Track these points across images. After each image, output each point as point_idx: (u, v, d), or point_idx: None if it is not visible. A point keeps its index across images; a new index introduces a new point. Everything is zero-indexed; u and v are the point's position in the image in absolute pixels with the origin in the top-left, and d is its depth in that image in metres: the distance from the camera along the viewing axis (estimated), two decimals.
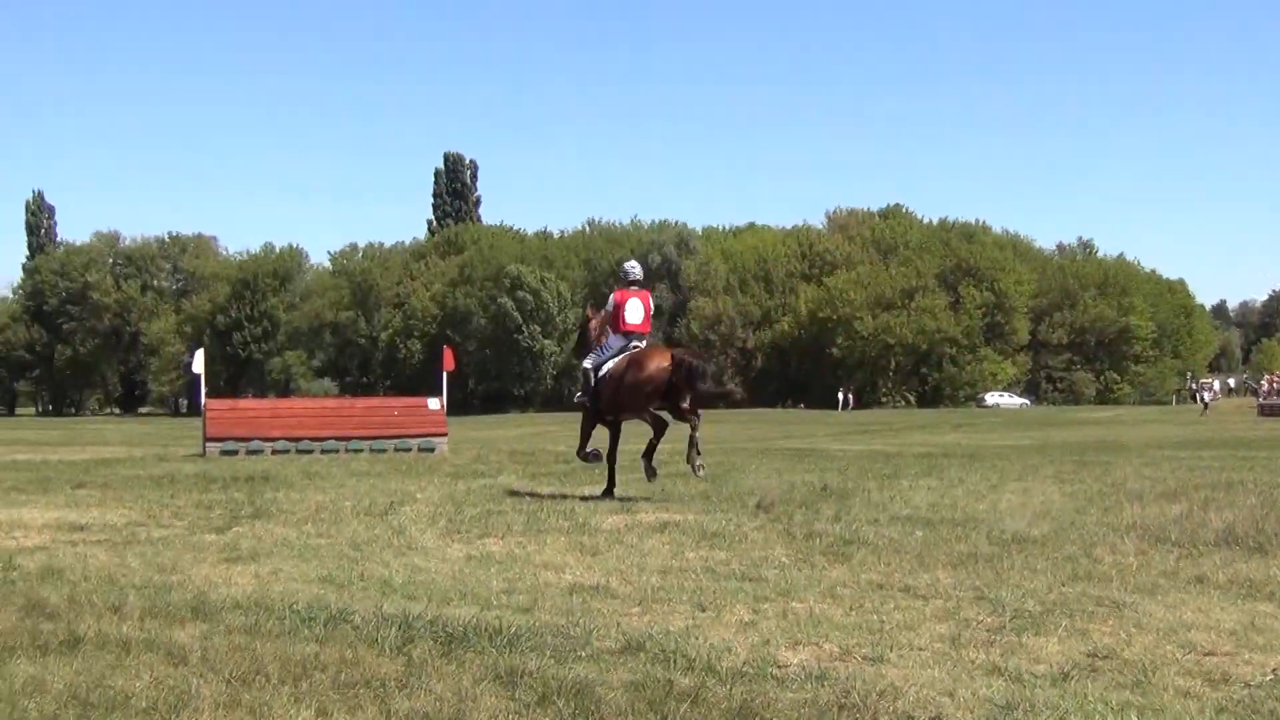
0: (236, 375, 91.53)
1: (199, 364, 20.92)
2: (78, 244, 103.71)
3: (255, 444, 18.60)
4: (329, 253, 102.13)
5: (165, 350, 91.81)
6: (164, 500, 10.75)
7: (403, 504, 10.17)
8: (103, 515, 9.56)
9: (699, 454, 9.69)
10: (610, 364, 9.99)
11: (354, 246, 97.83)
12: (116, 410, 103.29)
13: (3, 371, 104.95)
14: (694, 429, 9.56)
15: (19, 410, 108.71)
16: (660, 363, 9.50)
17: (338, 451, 18.52)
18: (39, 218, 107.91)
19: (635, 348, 9.96)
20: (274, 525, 8.87)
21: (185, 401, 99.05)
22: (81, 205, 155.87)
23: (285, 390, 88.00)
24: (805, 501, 9.91)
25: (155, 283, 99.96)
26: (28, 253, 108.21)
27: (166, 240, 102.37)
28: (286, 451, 18.43)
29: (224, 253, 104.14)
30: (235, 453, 18.32)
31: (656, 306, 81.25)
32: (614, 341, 10.08)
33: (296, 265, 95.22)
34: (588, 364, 10.21)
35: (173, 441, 27.17)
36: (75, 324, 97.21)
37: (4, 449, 23.86)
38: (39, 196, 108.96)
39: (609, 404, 10.06)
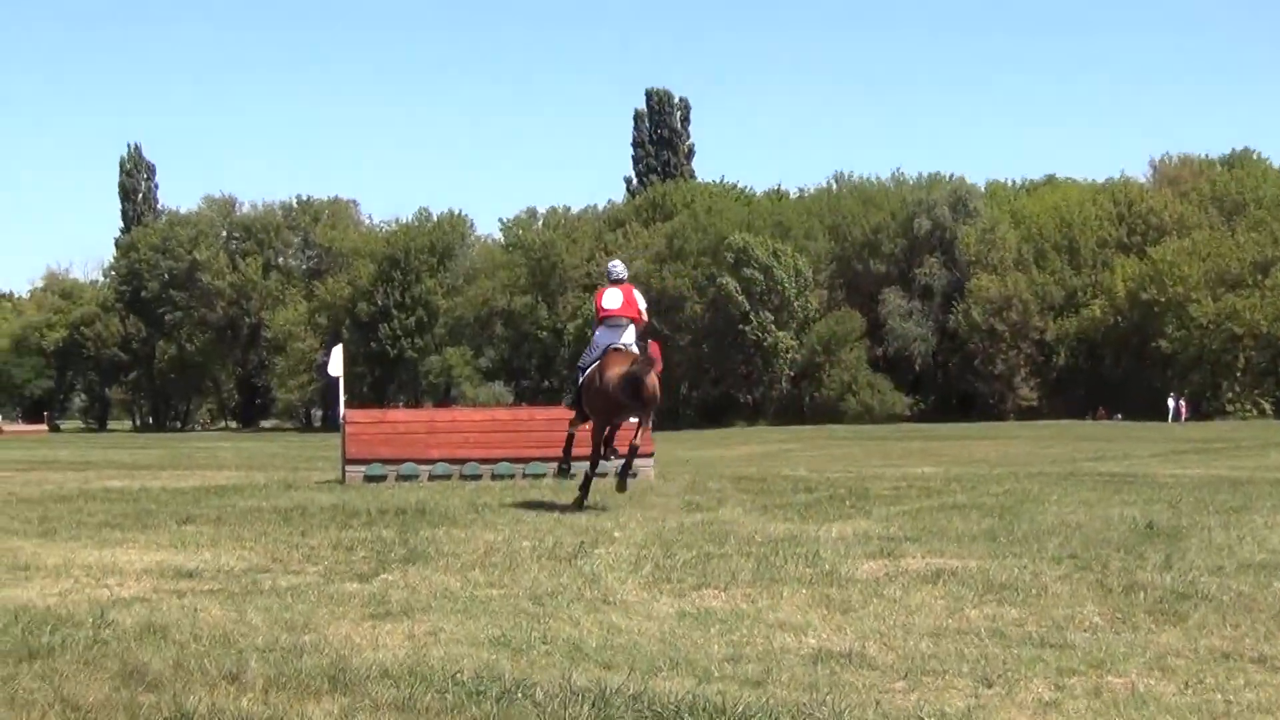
0: (384, 379, 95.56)
1: (337, 365, 21.84)
2: (183, 212, 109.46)
3: (408, 467, 19.33)
4: (500, 221, 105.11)
5: (294, 347, 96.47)
6: (293, 540, 11.28)
7: (597, 545, 10.36)
8: (216, 558, 10.10)
9: (627, 464, 13.16)
10: (592, 366, 12.38)
11: (531, 213, 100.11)
12: (233, 424, 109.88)
13: (91, 375, 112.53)
14: (640, 438, 12.35)
15: (111, 424, 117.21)
16: (619, 369, 11.91)
17: (513, 477, 19.01)
18: (135, 178, 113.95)
19: (616, 346, 12.34)
20: (432, 572, 9.19)
21: (319, 413, 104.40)
22: (188, 164, 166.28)
23: (445, 398, 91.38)
24: (1124, 544, 9.75)
25: (281, 260, 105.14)
26: (121, 223, 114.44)
27: (295, 207, 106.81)
28: (448, 477, 19.06)
29: (367, 222, 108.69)
30: (383, 478, 19.11)
31: (926, 286, 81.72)
32: (599, 337, 12.58)
33: (459, 238, 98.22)
34: (583, 363, 12.46)
35: (303, 464, 28.61)
36: (181, 314, 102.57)
37: (94, 474, 25.60)
38: (136, 152, 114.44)
39: (587, 406, 12.83)
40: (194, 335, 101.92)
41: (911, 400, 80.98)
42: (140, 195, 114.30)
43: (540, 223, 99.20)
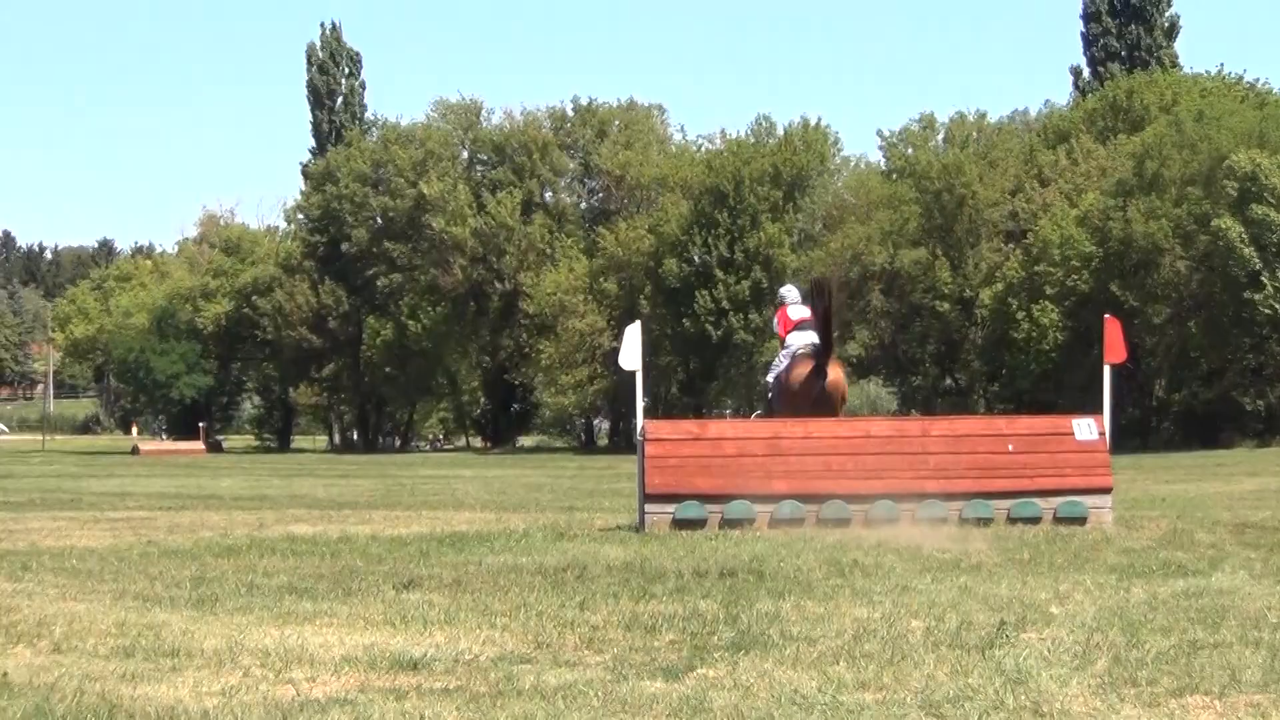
0: (702, 374, 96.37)
1: (633, 353, 22.18)
2: (404, 124, 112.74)
3: (738, 505, 19.57)
4: (879, 136, 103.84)
5: (568, 326, 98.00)
6: (566, 615, 11.66)
7: (1024, 626, 10.40)
8: (452, 642, 10.51)
9: None
10: (779, 373, 18.37)
11: (927, 123, 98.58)
12: (477, 440, 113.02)
13: (268, 368, 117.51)
14: None
15: (298, 440, 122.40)
16: (805, 368, 17.75)
17: (895, 520, 19.10)
18: (332, 75, 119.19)
19: (796, 352, 18.74)
20: (774, 665, 9.36)
21: (604, 425, 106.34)
22: (404, 55, 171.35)
23: None
24: None
25: (550, 196, 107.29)
26: (312, 142, 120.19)
27: (570, 116, 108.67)
28: (799, 521, 19.26)
29: (677, 138, 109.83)
30: (701, 523, 19.42)
31: None
32: (789, 340, 19.46)
33: (817, 161, 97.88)
34: (767, 379, 17.68)
35: (582, 501, 29.28)
36: (400, 277, 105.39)
37: (273, 515, 26.86)
38: (333, 36, 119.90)
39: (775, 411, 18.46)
40: (420, 309, 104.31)
41: None
42: (339, 100, 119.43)
43: (940, 137, 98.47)
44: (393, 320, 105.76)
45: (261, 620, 11.68)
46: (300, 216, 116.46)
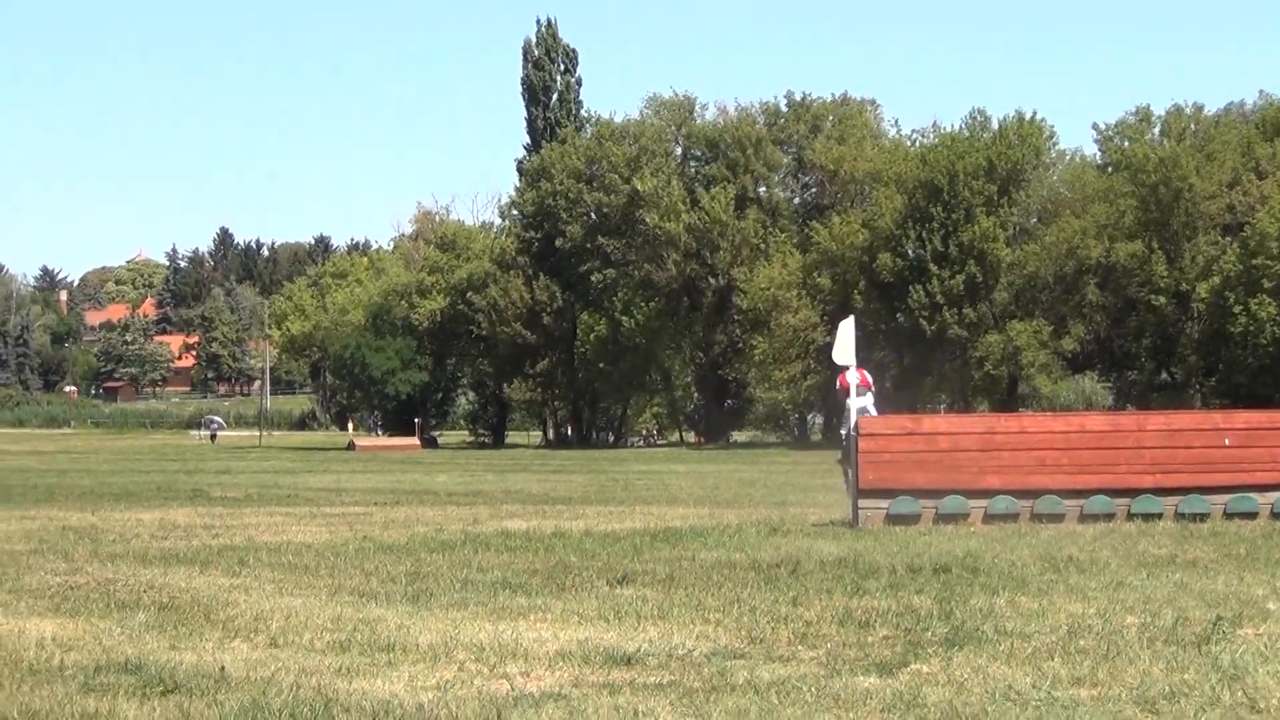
0: (917, 368, 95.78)
1: (847, 348, 22.27)
2: (618, 120, 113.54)
3: (953, 502, 19.57)
4: (1095, 130, 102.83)
5: (782, 321, 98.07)
6: (780, 610, 11.73)
7: (1241, 621, 10.32)
8: (666, 637, 10.61)
9: None
10: (848, 431, 22.63)
11: (1143, 116, 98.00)
12: (691, 436, 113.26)
13: (483, 364, 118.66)
14: None
15: (513, 435, 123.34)
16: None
17: (1111, 516, 18.92)
18: (547, 71, 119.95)
19: (861, 412, 22.45)
20: (988, 661, 9.37)
21: (819, 420, 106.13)
22: (617, 51, 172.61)
23: (1009, 397, 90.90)
24: None
25: (764, 191, 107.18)
26: (527, 138, 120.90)
27: (784, 111, 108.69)
28: (1013, 516, 19.17)
29: (891, 132, 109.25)
30: (915, 518, 19.43)
31: None
32: (848, 408, 23.25)
33: (1032, 155, 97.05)
34: (842, 432, 23.89)
35: (796, 496, 29.33)
36: (614, 273, 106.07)
37: (487, 510, 27.20)
38: (548, 32, 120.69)
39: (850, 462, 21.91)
40: (634, 304, 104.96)
41: None
42: (555, 97, 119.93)
43: (1156, 130, 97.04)
44: (606, 316, 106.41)
45: (476, 615, 11.81)
46: (515, 212, 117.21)
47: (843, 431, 24.82)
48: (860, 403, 24.05)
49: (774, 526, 20.25)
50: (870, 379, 25.12)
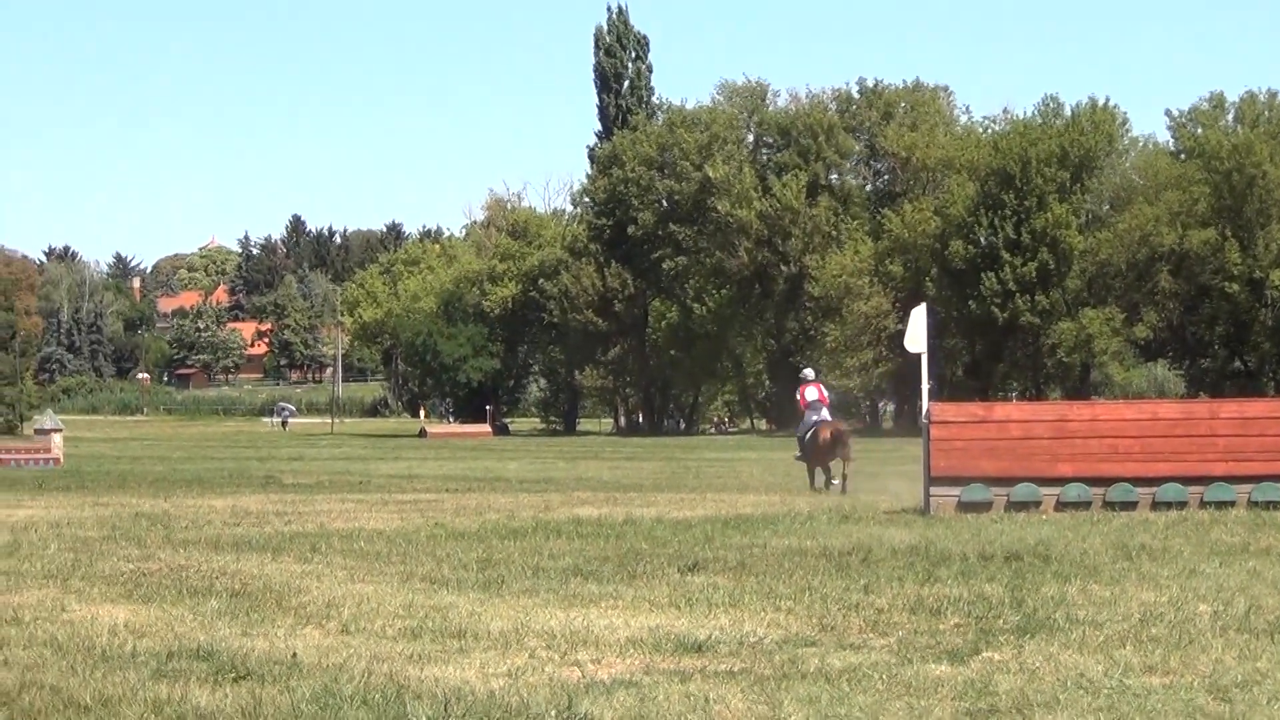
0: (989, 356, 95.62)
1: (919, 336, 22.19)
2: (690, 107, 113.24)
3: (1025, 489, 19.53)
4: (1168, 116, 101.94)
5: (853, 309, 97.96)
6: (851, 598, 11.73)
7: None
8: (737, 625, 10.63)
9: (843, 480, 29.25)
10: (808, 435, 31.02)
11: (1217, 102, 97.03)
12: (762, 423, 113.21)
13: (554, 351, 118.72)
14: (848, 469, 29.68)
15: (584, 423, 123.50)
16: (826, 433, 30.37)
17: (1184, 504, 18.85)
18: (619, 59, 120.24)
19: (816, 421, 31.07)
20: (1060, 649, 9.34)
21: (890, 407, 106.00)
22: (688, 37, 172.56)
23: (1082, 385, 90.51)
24: None
25: (835, 178, 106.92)
26: (598, 125, 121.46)
27: (855, 98, 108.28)
28: (1085, 504, 19.12)
29: (963, 119, 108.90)
30: (987, 506, 19.40)
31: None
32: (806, 418, 31.68)
33: (1105, 141, 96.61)
34: (799, 433, 32.62)
35: (868, 484, 29.33)
36: (686, 260, 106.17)
37: (558, 497, 27.24)
38: (620, 19, 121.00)
39: (810, 460, 31.10)
40: (705, 291, 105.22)
41: None
42: (626, 84, 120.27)
43: (1230, 116, 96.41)
44: (678, 303, 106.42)
45: (547, 602, 11.85)
46: (586, 200, 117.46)
47: (799, 434, 32.59)
48: (819, 415, 31.46)
49: (845, 514, 20.25)
50: (826, 394, 33.19)
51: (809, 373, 34.69)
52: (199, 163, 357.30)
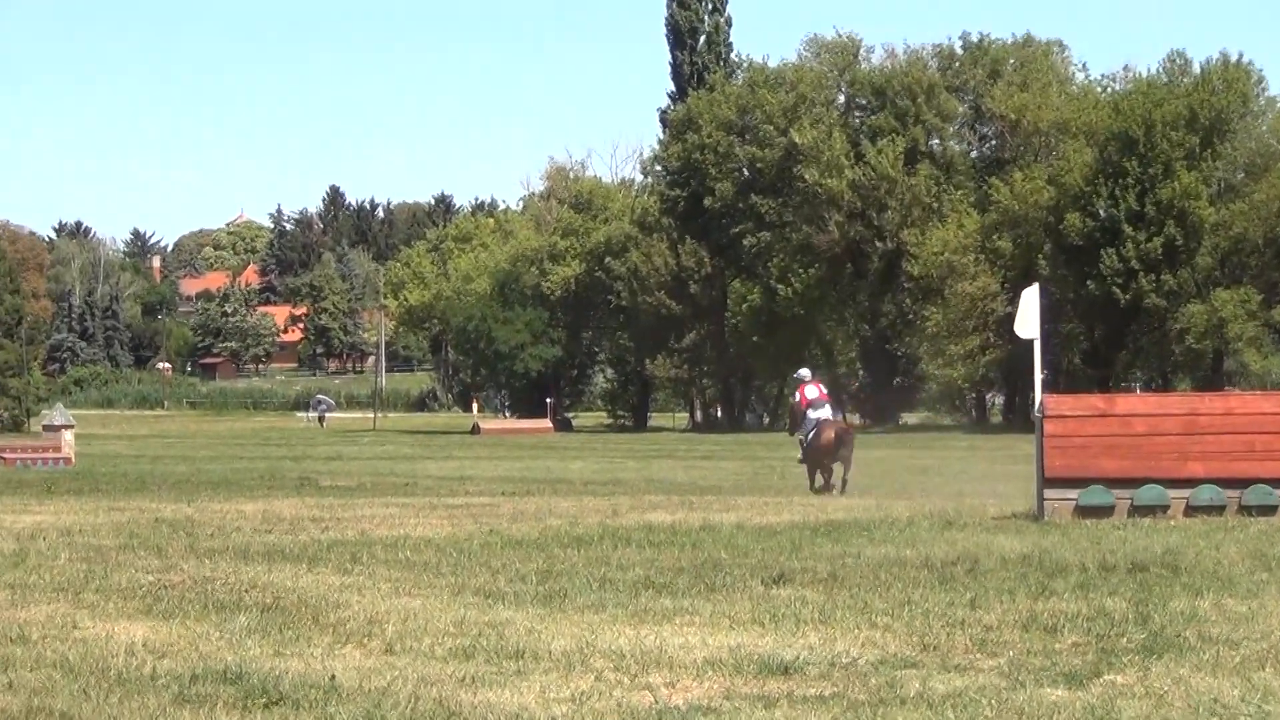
0: (1110, 340, 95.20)
1: (1030, 317, 22.10)
2: (772, 65, 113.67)
3: (1149, 490, 19.40)
4: None
5: (956, 290, 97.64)
6: (955, 614, 11.70)
7: None
8: (827, 644, 10.61)
9: (842, 484, 32.44)
10: (810, 436, 33.52)
11: None
12: (856, 417, 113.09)
13: (622, 338, 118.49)
14: (849, 474, 32.67)
15: (656, 417, 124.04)
16: (829, 433, 32.94)
17: None
18: (693, 11, 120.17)
19: (819, 419, 33.33)
20: (1190, 670, 9.29)
21: (1000, 400, 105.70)
22: None
23: (1214, 375, 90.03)
24: None
25: (937, 144, 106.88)
26: (671, 84, 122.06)
27: (959, 54, 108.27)
28: (1219, 509, 19.01)
29: (1079, 77, 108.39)
30: (1108, 510, 19.28)
31: None
32: (809, 417, 33.79)
33: (1238, 102, 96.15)
34: (799, 437, 34.45)
35: (972, 486, 29.27)
36: (769, 236, 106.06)
37: (627, 500, 27.27)
38: None
39: (811, 461, 33.70)
40: (791, 271, 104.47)
41: None
42: (702, 39, 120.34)
43: None
44: (760, 284, 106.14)
45: (615, 618, 11.85)
46: (658, 168, 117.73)
47: (799, 437, 34.51)
48: (820, 414, 33.59)
49: (949, 520, 20.21)
50: (827, 391, 35.98)
51: (805, 372, 37.21)
52: (226, 128, 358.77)
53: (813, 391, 34.70)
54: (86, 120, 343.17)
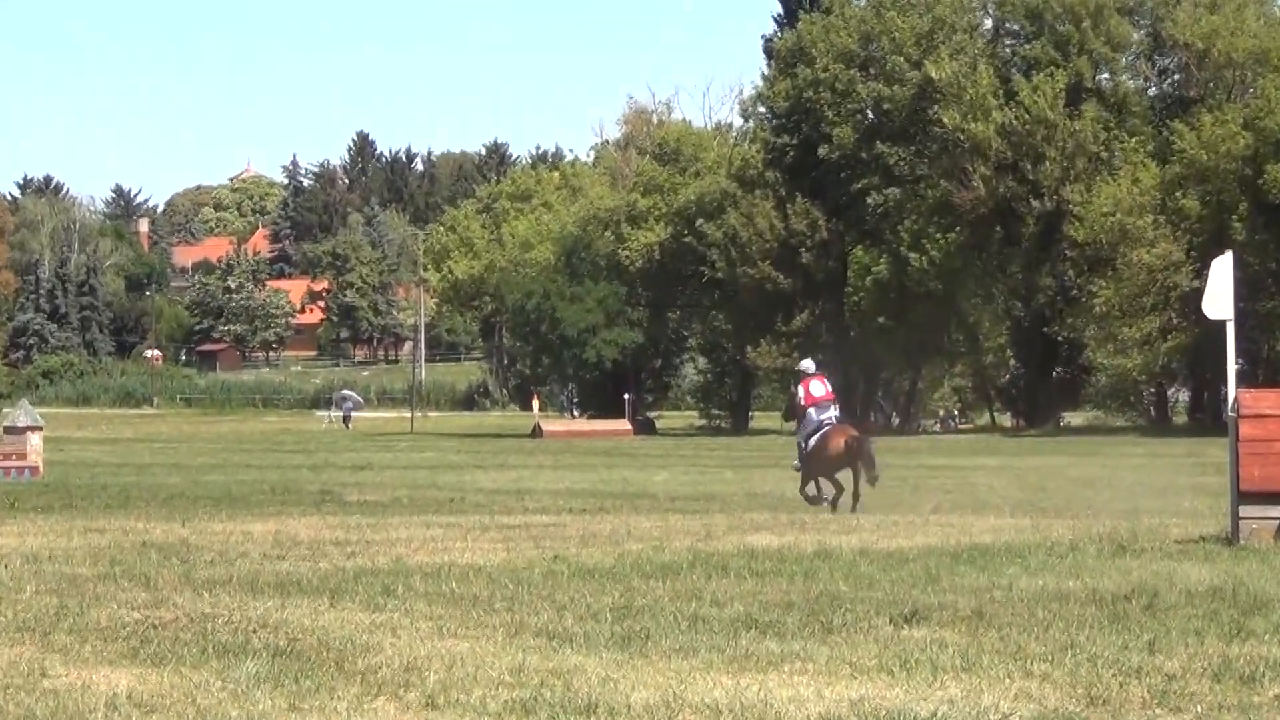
0: None
1: (1222, 294, 21.98)
2: None
3: None
4: None
5: (1131, 258, 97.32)
6: (1129, 658, 11.71)
7: None
8: (971, 695, 10.67)
9: (854, 498, 33.89)
10: (813, 440, 35.14)
11: None
12: (1007, 416, 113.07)
13: (716, 318, 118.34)
14: (860, 486, 34.01)
15: (757, 415, 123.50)
16: (839, 440, 34.54)
17: None
18: None
19: (826, 421, 35.12)
20: None
21: (1184, 394, 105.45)
22: None
23: None
24: None
25: (1103, 80, 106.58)
26: (779, 8, 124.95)
27: None
28: None
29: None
30: None
31: None
32: (810, 417, 35.48)
33: None
34: (799, 439, 36.26)
35: (1150, 500, 29.23)
36: (898, 193, 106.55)
37: (723, 519, 27.49)
38: None
39: (812, 469, 35.23)
40: (926, 236, 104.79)
41: None
42: None
43: None
44: (889, 252, 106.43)
45: (709, 665, 11.88)
46: (762, 110, 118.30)
47: (798, 439, 35.86)
48: (825, 415, 35.01)
49: (1122, 544, 20.19)
50: (832, 390, 36.03)
51: (809, 364, 37.26)
52: (228, 65, 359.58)
53: (819, 389, 35.74)
54: (57, 56, 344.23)
